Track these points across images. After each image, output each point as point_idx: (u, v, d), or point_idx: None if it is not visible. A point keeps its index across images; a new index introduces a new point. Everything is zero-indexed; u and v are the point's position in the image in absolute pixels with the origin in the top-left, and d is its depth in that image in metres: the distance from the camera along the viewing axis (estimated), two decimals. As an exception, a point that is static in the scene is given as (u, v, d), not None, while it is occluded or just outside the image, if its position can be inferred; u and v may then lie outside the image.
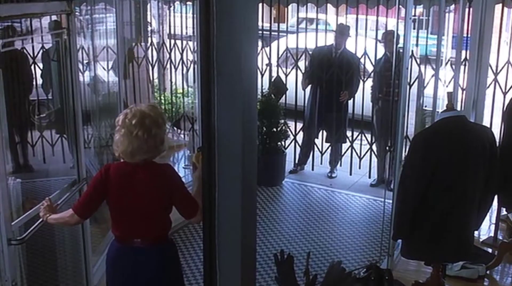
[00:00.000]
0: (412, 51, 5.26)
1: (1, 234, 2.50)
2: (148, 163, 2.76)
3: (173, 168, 2.88)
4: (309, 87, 6.48)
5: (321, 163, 6.68)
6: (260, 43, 6.90)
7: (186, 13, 7.05)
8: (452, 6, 5.94)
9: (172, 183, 2.79)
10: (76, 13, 4.87)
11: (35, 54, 5.54)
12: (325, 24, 6.88)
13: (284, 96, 6.62)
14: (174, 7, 7.43)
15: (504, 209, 4.64)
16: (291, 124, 6.67)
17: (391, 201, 4.19)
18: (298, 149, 6.69)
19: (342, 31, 6.24)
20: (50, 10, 3.08)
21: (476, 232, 4.13)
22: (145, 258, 2.82)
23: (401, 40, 4.63)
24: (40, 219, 2.89)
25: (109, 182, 2.75)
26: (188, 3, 6.92)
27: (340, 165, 6.65)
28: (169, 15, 7.31)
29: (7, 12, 2.64)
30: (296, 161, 6.70)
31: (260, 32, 6.80)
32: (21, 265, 3.05)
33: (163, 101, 7.25)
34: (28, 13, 3.09)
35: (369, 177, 6.39)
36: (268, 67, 6.85)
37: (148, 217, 2.80)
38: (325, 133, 6.60)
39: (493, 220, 4.95)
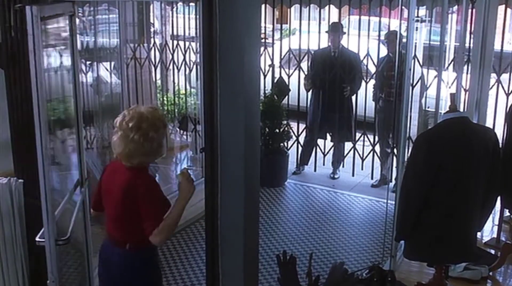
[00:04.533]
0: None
1: (49, 234, 2.39)
2: (132, 168, 2.70)
3: (149, 180, 2.75)
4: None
5: (323, 164, 6.67)
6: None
7: (189, 14, 7.05)
8: (455, 7, 5.93)
9: (137, 194, 2.67)
10: (79, 14, 4.89)
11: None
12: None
13: (286, 97, 6.62)
14: (177, 8, 7.44)
15: (507, 210, 4.63)
16: (294, 125, 6.67)
17: (393, 202, 4.18)
18: (300, 149, 6.68)
19: (334, 29, 6.22)
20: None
21: (479, 233, 4.12)
22: (111, 258, 2.84)
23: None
24: None
25: (102, 179, 2.88)
26: (191, 4, 6.92)
27: (343, 166, 6.65)
28: (172, 16, 7.32)
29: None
30: (298, 161, 6.70)
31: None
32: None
33: (165, 102, 7.26)
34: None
35: (372, 178, 6.38)
36: (271, 68, 6.84)
37: (117, 219, 2.79)
38: (329, 135, 6.59)
39: (496, 221, 4.94)
